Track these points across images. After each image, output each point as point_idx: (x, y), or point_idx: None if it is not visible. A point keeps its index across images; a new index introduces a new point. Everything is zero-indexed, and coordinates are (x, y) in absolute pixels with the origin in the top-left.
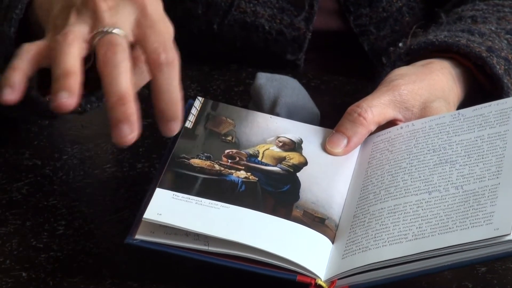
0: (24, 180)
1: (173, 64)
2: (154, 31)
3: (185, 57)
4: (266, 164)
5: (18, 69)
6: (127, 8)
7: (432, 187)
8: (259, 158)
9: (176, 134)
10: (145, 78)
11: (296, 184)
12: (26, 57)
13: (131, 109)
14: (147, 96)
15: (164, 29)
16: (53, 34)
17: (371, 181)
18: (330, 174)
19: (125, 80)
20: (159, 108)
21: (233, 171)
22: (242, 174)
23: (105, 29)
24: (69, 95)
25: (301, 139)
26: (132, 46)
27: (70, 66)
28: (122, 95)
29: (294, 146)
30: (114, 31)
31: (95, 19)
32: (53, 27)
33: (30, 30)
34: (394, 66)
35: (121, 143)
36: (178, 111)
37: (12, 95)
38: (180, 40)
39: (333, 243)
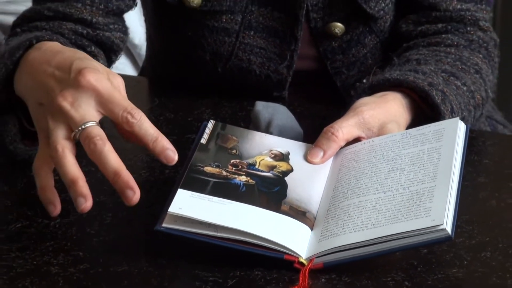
0: None
1: (141, 119)
2: (114, 104)
3: (199, 91)
4: (262, 171)
5: (48, 187)
6: (84, 97)
7: (386, 188)
8: (256, 166)
9: (194, 148)
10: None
11: (284, 186)
12: (45, 175)
13: (127, 177)
14: (172, 119)
15: (120, 97)
16: (43, 139)
17: (340, 183)
18: (310, 178)
19: (113, 159)
20: (150, 148)
21: (236, 176)
22: (243, 178)
23: (79, 128)
24: (85, 199)
25: (288, 151)
26: None
27: (73, 173)
28: (116, 170)
29: (283, 157)
30: (87, 125)
31: (67, 118)
32: (38, 126)
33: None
34: (360, 97)
35: (130, 204)
36: (165, 144)
37: (55, 210)
38: (194, 79)
39: (311, 230)
